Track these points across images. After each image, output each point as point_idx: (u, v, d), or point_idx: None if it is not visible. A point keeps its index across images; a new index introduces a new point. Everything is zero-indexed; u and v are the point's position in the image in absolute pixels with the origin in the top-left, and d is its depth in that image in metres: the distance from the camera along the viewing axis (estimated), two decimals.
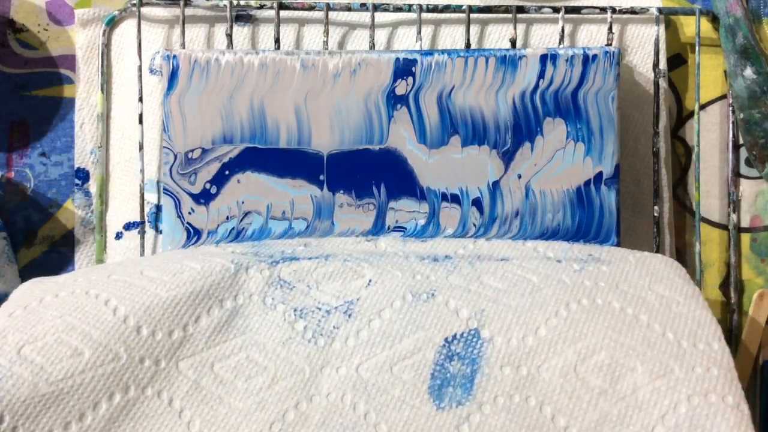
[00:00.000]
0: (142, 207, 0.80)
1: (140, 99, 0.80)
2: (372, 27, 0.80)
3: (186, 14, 0.83)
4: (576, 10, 0.80)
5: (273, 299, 0.66)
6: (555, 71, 0.75)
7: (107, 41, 0.83)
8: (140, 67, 0.80)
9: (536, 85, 0.76)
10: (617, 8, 0.80)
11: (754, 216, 0.84)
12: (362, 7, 0.81)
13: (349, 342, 0.64)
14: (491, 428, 0.59)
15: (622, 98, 0.82)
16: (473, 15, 0.82)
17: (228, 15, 0.80)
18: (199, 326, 0.64)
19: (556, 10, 0.80)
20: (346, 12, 0.83)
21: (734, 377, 0.60)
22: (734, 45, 0.80)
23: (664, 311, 0.64)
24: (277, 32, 0.80)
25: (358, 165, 0.76)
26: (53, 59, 0.84)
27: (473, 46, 0.83)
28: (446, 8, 0.81)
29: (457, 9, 0.81)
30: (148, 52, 0.83)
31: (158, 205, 0.81)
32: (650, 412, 0.59)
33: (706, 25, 0.84)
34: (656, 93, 0.80)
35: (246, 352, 0.64)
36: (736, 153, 0.84)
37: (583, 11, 0.80)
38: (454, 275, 0.68)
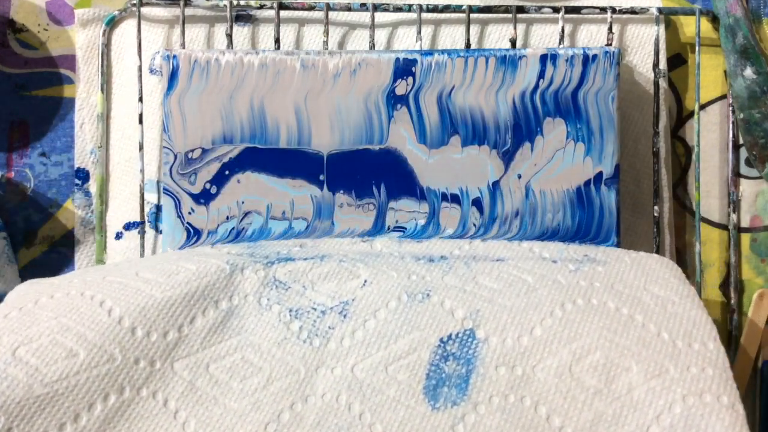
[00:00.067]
0: (142, 207, 0.80)
1: (140, 99, 0.80)
2: (372, 27, 0.80)
3: (186, 14, 0.83)
4: (576, 10, 0.80)
5: (268, 300, 0.66)
6: (555, 71, 0.75)
7: (107, 41, 0.83)
8: (140, 67, 0.80)
9: (536, 85, 0.76)
10: (617, 8, 0.80)
11: (754, 216, 0.84)
12: (362, 7, 0.81)
13: (345, 342, 0.64)
14: (486, 428, 0.59)
15: (622, 98, 0.82)
16: (473, 15, 0.82)
17: (228, 15, 0.80)
18: (195, 327, 0.64)
19: (556, 10, 0.80)
20: (346, 12, 0.83)
21: (729, 377, 0.60)
22: (734, 45, 0.80)
23: (660, 311, 0.64)
24: (277, 32, 0.80)
25: (358, 165, 0.77)
26: (53, 59, 0.84)
27: (473, 46, 0.83)
28: (446, 8, 0.81)
29: (457, 9, 0.81)
30: (148, 52, 0.83)
31: (158, 205, 0.81)
32: (645, 412, 0.59)
33: (706, 25, 0.84)
34: (656, 93, 0.80)
35: (241, 353, 0.64)
36: (736, 153, 0.83)
37: (583, 11, 0.80)
38: (450, 275, 0.68)
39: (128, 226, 0.82)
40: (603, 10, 0.80)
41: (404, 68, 0.76)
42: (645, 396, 0.59)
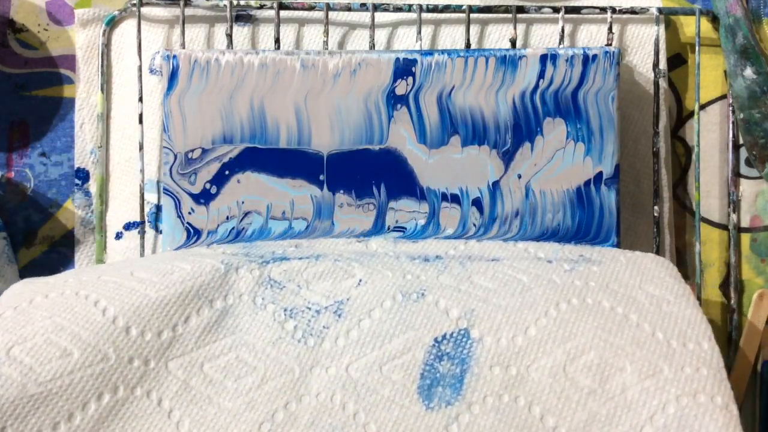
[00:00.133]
0: (142, 207, 0.80)
1: (140, 99, 0.80)
2: (372, 27, 0.80)
3: (186, 14, 0.83)
4: (576, 10, 0.80)
5: (263, 299, 0.66)
6: (555, 71, 0.75)
7: (107, 41, 0.83)
8: (140, 67, 0.81)
9: (536, 85, 0.76)
10: (617, 8, 0.80)
11: (754, 216, 0.83)
12: (362, 7, 0.81)
13: (339, 342, 0.64)
14: (480, 428, 0.59)
15: (622, 98, 0.81)
16: (473, 15, 0.82)
17: (228, 15, 0.80)
18: (189, 326, 0.64)
19: (556, 10, 0.80)
20: (346, 12, 0.83)
21: (724, 377, 0.59)
22: (734, 45, 0.80)
23: (654, 311, 0.64)
24: (277, 32, 0.80)
25: (358, 165, 0.77)
26: (53, 59, 0.84)
27: (473, 46, 0.83)
28: (446, 8, 0.81)
29: (457, 9, 0.81)
30: (148, 52, 0.83)
31: (158, 205, 0.82)
32: (639, 412, 0.59)
33: (706, 25, 0.84)
34: (656, 93, 0.80)
35: (236, 352, 0.64)
36: (736, 153, 0.83)
37: (583, 11, 0.80)
38: (445, 275, 0.67)
39: (128, 226, 0.82)
40: (603, 10, 0.80)
41: (404, 68, 0.76)
42: (639, 396, 0.59)
